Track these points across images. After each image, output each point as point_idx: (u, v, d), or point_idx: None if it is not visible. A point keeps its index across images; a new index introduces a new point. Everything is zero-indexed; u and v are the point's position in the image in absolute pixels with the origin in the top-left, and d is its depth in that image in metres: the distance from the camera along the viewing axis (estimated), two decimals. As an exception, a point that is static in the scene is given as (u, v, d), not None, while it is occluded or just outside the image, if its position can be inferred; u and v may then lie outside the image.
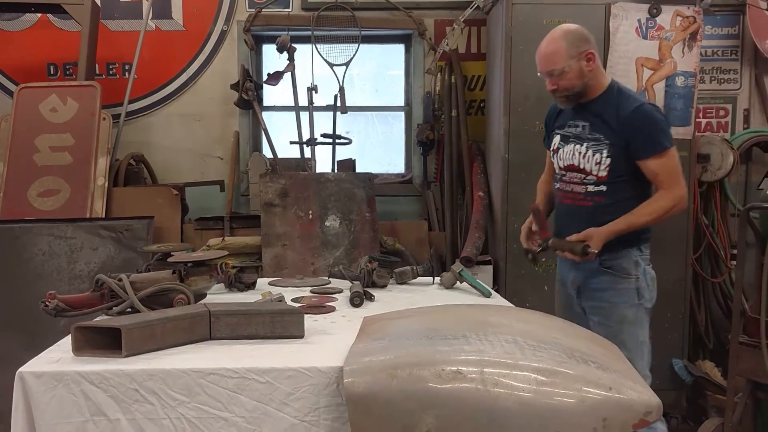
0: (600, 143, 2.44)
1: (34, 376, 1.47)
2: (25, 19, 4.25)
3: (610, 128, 2.43)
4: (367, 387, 1.34)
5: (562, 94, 2.49)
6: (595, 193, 2.46)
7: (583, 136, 2.49)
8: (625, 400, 1.34)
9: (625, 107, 2.42)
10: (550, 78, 2.47)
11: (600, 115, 2.46)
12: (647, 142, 2.39)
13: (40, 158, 3.74)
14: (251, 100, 4.00)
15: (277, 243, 3.65)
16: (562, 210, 2.62)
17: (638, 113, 2.39)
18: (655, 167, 2.39)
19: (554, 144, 2.61)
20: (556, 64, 2.44)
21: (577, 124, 2.53)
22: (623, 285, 2.46)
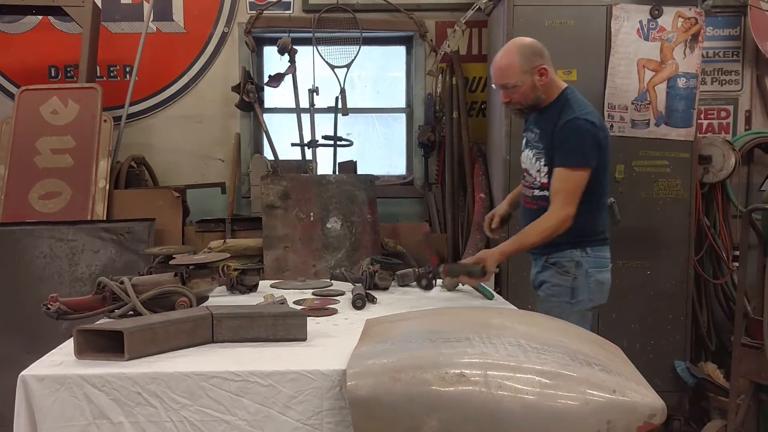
0: (541, 151, 2.52)
1: (37, 379, 1.46)
2: (26, 21, 4.25)
3: (550, 138, 2.48)
4: (370, 390, 1.34)
5: (514, 107, 2.55)
6: (539, 197, 2.53)
7: (533, 143, 2.57)
8: (629, 402, 1.34)
9: (562, 118, 2.45)
10: (504, 91, 2.51)
11: (546, 125, 2.52)
12: (564, 153, 2.41)
13: (41, 161, 3.74)
14: (252, 102, 4.00)
15: (279, 245, 3.65)
16: (520, 210, 2.72)
17: (568, 125, 2.42)
18: (559, 178, 2.40)
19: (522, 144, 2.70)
20: (509, 79, 2.47)
21: (533, 129, 2.60)
22: (559, 281, 2.51)
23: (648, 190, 3.66)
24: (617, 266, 3.62)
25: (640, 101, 3.60)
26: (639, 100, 3.60)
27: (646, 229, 3.67)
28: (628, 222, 3.64)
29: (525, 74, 2.46)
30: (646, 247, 3.68)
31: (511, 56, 2.49)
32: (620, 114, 3.61)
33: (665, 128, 3.63)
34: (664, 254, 3.69)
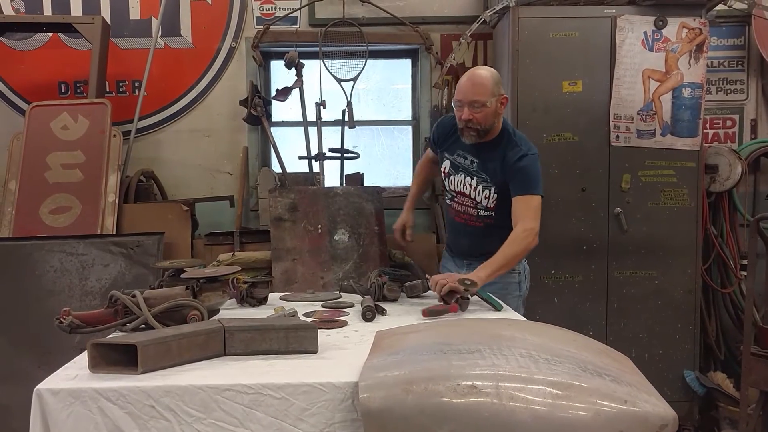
0: (488, 183, 2.70)
1: (51, 393, 1.48)
2: (37, 38, 4.30)
3: (496, 172, 2.67)
4: (382, 402, 1.35)
5: (474, 126, 2.60)
6: (486, 216, 2.76)
7: (472, 171, 2.73)
8: (641, 413, 1.34)
9: (510, 156, 2.64)
10: (470, 108, 2.56)
11: (489, 158, 2.68)
12: (525, 184, 2.63)
13: (51, 176, 3.77)
14: (260, 116, 4.03)
15: (287, 257, 3.66)
16: (455, 226, 2.90)
17: (524, 161, 2.64)
18: (525, 204, 2.61)
19: (444, 167, 2.85)
20: (482, 96, 2.56)
21: (466, 156, 2.75)
22: (508, 279, 2.75)
23: (655, 199, 3.67)
24: (625, 276, 3.67)
25: (646, 111, 3.62)
26: (644, 110, 3.62)
27: (653, 239, 3.68)
28: (635, 232, 3.66)
29: (493, 97, 2.58)
30: (654, 257, 3.68)
31: (485, 77, 2.60)
32: (626, 124, 3.62)
33: (671, 138, 3.65)
34: (672, 263, 3.69)
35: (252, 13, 4.30)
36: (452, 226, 2.97)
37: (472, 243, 2.83)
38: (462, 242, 2.90)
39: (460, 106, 2.60)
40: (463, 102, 2.58)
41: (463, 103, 2.58)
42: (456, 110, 2.64)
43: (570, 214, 3.65)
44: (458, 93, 2.62)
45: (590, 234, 3.67)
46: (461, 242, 2.91)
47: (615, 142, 3.63)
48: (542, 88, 3.62)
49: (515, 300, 2.82)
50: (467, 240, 2.86)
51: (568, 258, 3.67)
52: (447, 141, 2.84)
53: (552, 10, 3.64)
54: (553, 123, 3.63)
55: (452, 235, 3.00)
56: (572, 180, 3.64)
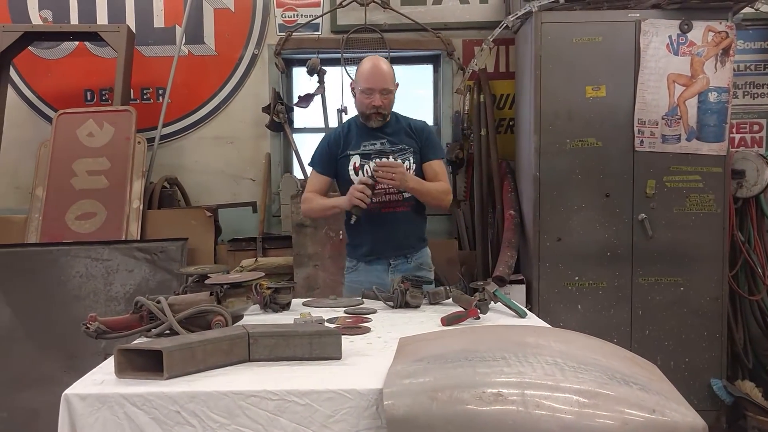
0: (406, 151, 2.81)
1: (79, 398, 1.49)
2: (63, 47, 4.38)
3: (410, 139, 2.83)
4: (407, 410, 1.34)
5: (382, 111, 2.77)
6: (410, 197, 2.81)
7: (386, 150, 2.80)
8: (670, 422, 1.32)
9: (415, 123, 2.88)
10: (381, 95, 2.74)
11: (396, 132, 2.83)
12: (437, 148, 2.91)
13: (77, 182, 3.83)
14: (282, 123, 4.06)
15: (309, 263, 3.67)
16: (381, 220, 2.83)
17: (428, 129, 2.91)
18: (438, 168, 2.86)
19: (353, 164, 2.84)
20: (390, 84, 2.77)
21: (374, 142, 2.83)
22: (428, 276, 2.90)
23: (680, 205, 3.62)
24: (650, 282, 3.62)
25: (671, 116, 3.58)
26: (669, 115, 3.58)
27: (679, 245, 3.63)
28: (661, 238, 3.61)
29: (394, 85, 2.80)
30: (679, 263, 3.64)
31: (388, 66, 2.79)
32: (650, 129, 3.59)
33: (697, 143, 3.60)
34: (698, 270, 3.64)
35: (274, 21, 4.33)
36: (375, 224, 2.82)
37: (404, 232, 2.84)
38: (393, 236, 2.83)
39: (371, 93, 2.74)
40: (375, 89, 2.73)
41: (374, 90, 2.73)
42: (364, 97, 2.76)
43: (594, 219, 3.62)
44: (367, 81, 2.74)
45: (614, 240, 3.63)
46: (392, 236, 2.82)
47: (639, 148, 3.60)
48: (565, 93, 3.60)
49: None
50: (398, 230, 2.83)
51: (592, 264, 3.63)
52: (345, 142, 2.87)
53: (575, 14, 3.62)
54: (576, 128, 3.61)
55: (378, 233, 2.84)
56: (596, 186, 3.61)
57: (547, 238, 3.64)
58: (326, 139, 2.98)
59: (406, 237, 2.87)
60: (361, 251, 2.90)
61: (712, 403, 3.64)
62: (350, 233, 2.94)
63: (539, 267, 3.65)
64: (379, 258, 2.87)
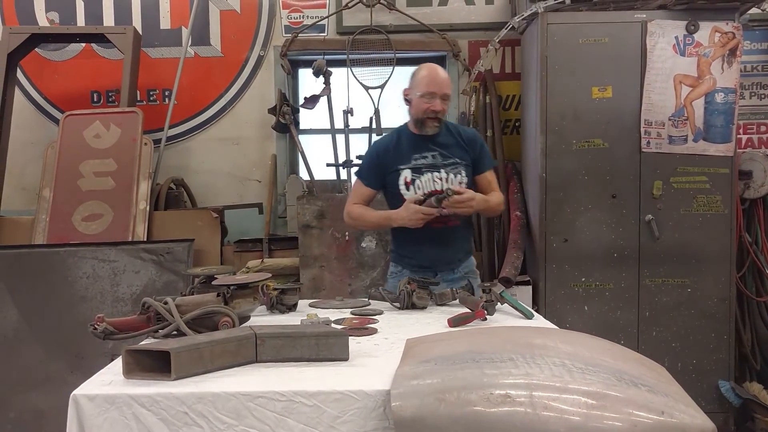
0: (458, 165, 2.78)
1: (88, 398, 1.49)
2: (70, 49, 4.39)
3: (461, 151, 2.79)
4: (415, 411, 1.34)
5: (440, 117, 2.76)
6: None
7: (438, 163, 2.77)
8: (679, 424, 1.31)
9: (465, 132, 2.86)
10: (441, 100, 2.72)
11: (446, 144, 2.79)
12: (488, 159, 2.88)
13: (84, 183, 3.84)
14: (288, 124, 4.06)
15: (315, 264, 3.68)
16: (428, 236, 2.75)
17: (478, 138, 2.89)
18: (491, 177, 2.88)
19: (404, 178, 2.78)
20: (449, 90, 2.78)
21: (425, 155, 2.79)
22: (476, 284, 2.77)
23: (687, 206, 3.61)
24: (656, 284, 3.61)
25: (678, 117, 3.57)
26: (676, 116, 3.57)
27: (686, 246, 3.62)
28: (668, 239, 3.60)
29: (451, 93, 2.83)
30: (687, 265, 3.62)
31: (446, 73, 2.82)
32: (657, 130, 3.58)
33: (704, 144, 3.59)
34: (705, 271, 3.63)
35: (280, 22, 4.34)
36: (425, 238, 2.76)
37: (454, 246, 2.82)
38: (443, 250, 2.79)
39: (432, 97, 2.72)
40: (437, 94, 2.71)
41: (436, 95, 2.71)
42: (423, 102, 2.72)
43: (600, 221, 3.61)
44: (430, 86, 2.72)
45: (621, 241, 3.62)
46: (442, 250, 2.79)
47: (646, 149, 3.59)
48: (571, 94, 3.59)
49: None
50: (448, 245, 2.80)
51: (599, 265, 3.63)
52: (395, 155, 2.81)
53: (581, 15, 3.61)
54: (582, 129, 3.60)
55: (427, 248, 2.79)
56: (602, 187, 3.61)
57: (554, 239, 3.63)
58: (375, 150, 2.93)
59: (455, 252, 2.84)
60: (408, 261, 2.86)
61: (720, 404, 3.63)
62: (397, 242, 2.90)
63: (546, 268, 3.64)
64: (425, 269, 2.81)
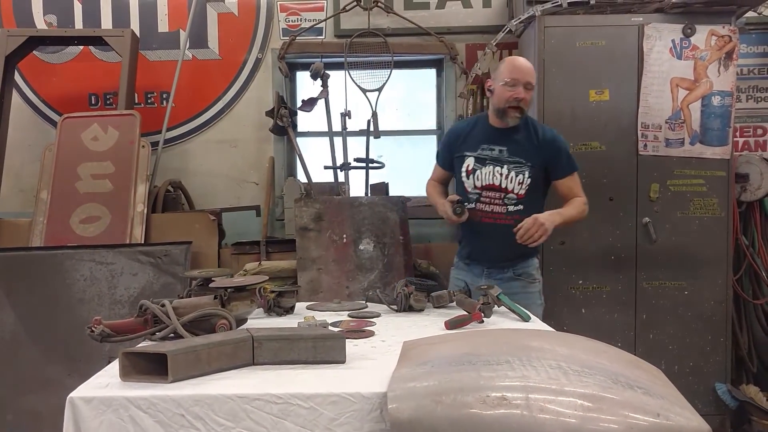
0: (522, 165, 2.77)
1: (84, 401, 1.49)
2: (68, 51, 4.40)
3: (531, 152, 2.77)
4: (411, 413, 1.34)
5: (522, 105, 2.75)
6: (515, 212, 2.77)
7: (503, 158, 2.78)
8: (674, 426, 1.31)
9: (545, 133, 2.81)
10: (525, 89, 2.72)
11: (518, 141, 2.78)
12: (569, 164, 2.84)
13: (82, 186, 3.84)
14: (286, 126, 4.06)
15: (312, 267, 3.68)
16: (480, 229, 2.85)
17: (559, 142, 2.83)
18: (575, 181, 2.86)
19: (467, 166, 2.85)
20: (533, 79, 2.77)
21: (492, 148, 2.81)
22: (531, 289, 2.86)
23: (684, 209, 3.62)
24: (653, 286, 3.62)
25: (674, 120, 3.58)
26: (673, 119, 3.58)
27: (683, 249, 3.63)
28: (664, 242, 3.61)
29: (535, 84, 2.79)
30: (683, 267, 3.63)
31: (531, 64, 2.78)
32: (654, 133, 3.59)
33: (700, 147, 3.60)
34: (702, 274, 3.64)
35: (278, 25, 4.35)
36: (476, 231, 2.88)
37: (501, 245, 2.78)
38: (489, 246, 2.85)
39: (514, 85, 2.71)
40: (519, 81, 2.70)
41: (518, 82, 2.70)
42: (506, 90, 2.72)
43: (597, 223, 3.62)
44: (513, 72, 2.72)
45: (618, 244, 3.63)
46: (488, 246, 2.85)
47: (643, 151, 3.60)
48: (569, 97, 3.60)
49: (539, 309, 2.84)
50: (495, 242, 2.81)
51: (596, 268, 3.63)
52: (465, 141, 2.88)
53: (578, 19, 3.62)
54: (579, 132, 3.61)
55: (476, 241, 2.91)
56: (599, 189, 3.61)
57: (551, 241, 3.63)
58: (450, 132, 3.04)
59: (502, 250, 2.81)
60: (463, 252, 2.98)
61: (717, 407, 3.63)
62: (462, 232, 2.99)
63: (543, 270, 3.64)
64: (476, 262, 2.91)
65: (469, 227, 2.86)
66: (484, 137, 2.83)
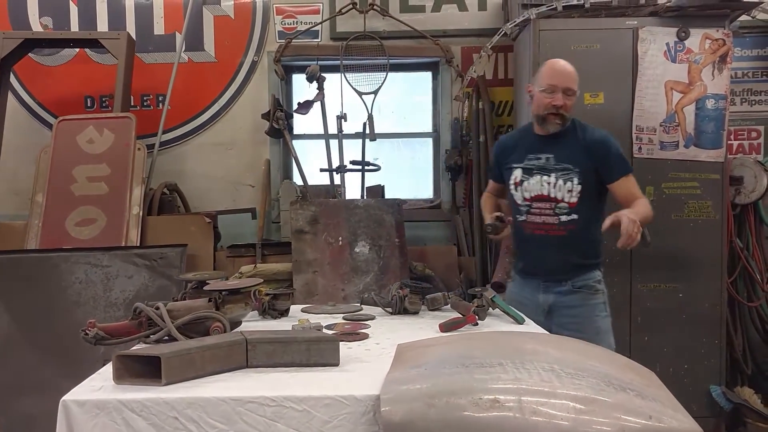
0: (570, 172, 2.63)
1: (77, 404, 1.49)
2: (64, 54, 4.39)
3: (579, 157, 2.63)
4: (404, 416, 1.34)
5: (562, 113, 2.61)
6: (569, 221, 2.64)
7: (549, 167, 2.66)
8: (666, 429, 1.32)
9: (593, 136, 2.67)
10: (564, 94, 2.59)
11: (564, 147, 2.65)
12: (622, 166, 2.67)
13: (77, 188, 3.83)
14: (282, 129, 4.06)
15: (308, 269, 3.68)
16: (531, 241, 2.72)
17: (609, 139, 2.68)
18: (631, 183, 2.68)
19: (515, 178, 2.73)
20: (573, 84, 2.63)
21: (539, 156, 2.69)
22: (593, 300, 2.70)
23: (678, 211, 3.63)
24: (648, 289, 3.62)
25: (669, 123, 3.59)
26: (667, 122, 3.59)
27: (678, 252, 3.63)
28: (659, 244, 3.60)
29: (577, 89, 2.64)
30: (678, 270, 3.64)
31: (572, 68, 2.65)
32: (648, 136, 3.60)
33: (695, 150, 3.61)
34: (697, 277, 3.64)
35: (274, 28, 4.35)
36: (529, 243, 2.75)
37: (556, 257, 2.66)
38: (543, 259, 2.70)
39: (553, 91, 2.59)
40: (558, 87, 2.59)
41: (557, 88, 2.59)
42: (544, 96, 2.61)
43: (592, 226, 3.62)
44: (552, 78, 2.61)
45: (612, 246, 3.62)
46: (543, 259, 2.70)
47: (638, 154, 3.60)
48: (563, 100, 3.60)
49: (604, 321, 2.71)
50: (549, 255, 2.67)
51: (591, 271, 3.63)
52: (512, 153, 2.78)
53: (573, 22, 3.63)
54: (574, 135, 3.61)
55: (529, 254, 2.78)
56: (594, 192, 3.61)
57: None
58: (498, 144, 2.94)
59: (558, 263, 2.67)
60: (518, 265, 2.86)
61: (712, 409, 3.64)
62: (515, 244, 2.87)
63: (538, 273, 3.65)
64: (532, 276, 2.77)
65: (521, 240, 2.76)
66: (530, 146, 2.72)
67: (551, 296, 2.69)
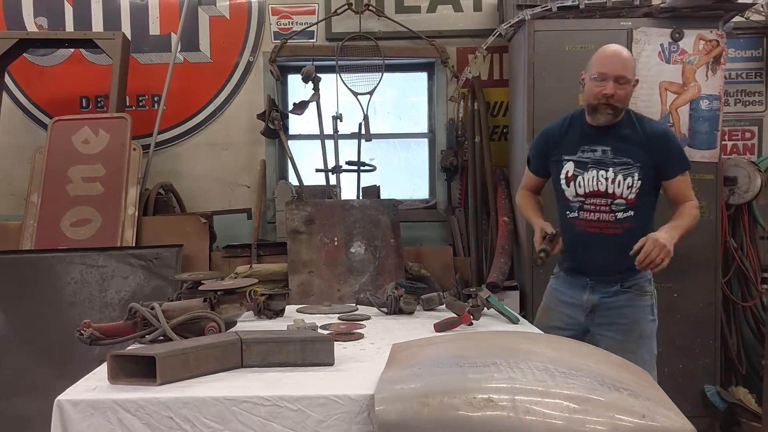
0: (630, 167, 2.44)
1: (72, 404, 1.49)
2: (59, 54, 4.38)
3: (639, 150, 2.44)
4: (398, 415, 1.35)
5: (614, 103, 2.40)
6: (625, 219, 2.46)
7: (607, 161, 2.46)
8: (659, 428, 1.33)
9: (650, 127, 2.50)
10: (615, 83, 2.37)
11: (623, 139, 2.45)
12: (680, 162, 2.50)
13: (72, 189, 3.82)
14: (277, 129, 4.06)
15: (304, 270, 3.68)
16: (585, 239, 2.53)
17: (667, 134, 2.53)
18: (686, 182, 2.52)
19: (566, 172, 2.53)
20: (628, 72, 2.41)
21: (594, 149, 2.48)
22: (641, 302, 2.53)
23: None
24: (643, 289, 3.63)
25: (663, 123, 3.60)
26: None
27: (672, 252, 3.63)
28: (654, 244, 3.62)
29: (633, 77, 2.44)
30: (672, 270, 3.56)
31: (629, 54, 2.48)
32: (643, 136, 3.60)
33: (689, 150, 3.60)
34: (691, 277, 3.65)
35: (269, 28, 4.35)
36: (580, 241, 2.54)
37: (610, 257, 2.47)
38: (596, 258, 2.51)
39: (603, 80, 2.37)
40: (608, 76, 2.37)
41: (607, 76, 2.37)
42: (594, 85, 2.40)
43: (587, 226, 3.63)
44: (601, 66, 2.40)
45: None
46: (595, 258, 2.52)
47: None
48: (558, 100, 3.60)
49: (650, 325, 2.55)
50: (603, 254, 2.49)
51: (586, 271, 3.64)
52: (561, 144, 2.56)
53: (568, 23, 3.64)
54: (569, 135, 3.62)
55: (580, 252, 2.56)
56: (589, 192, 3.62)
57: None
58: (542, 134, 2.69)
59: (612, 262, 2.49)
60: (565, 264, 2.65)
61: (706, 409, 3.64)
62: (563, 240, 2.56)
63: (533, 273, 3.65)
64: (579, 274, 2.59)
65: (572, 237, 2.53)
66: (582, 137, 2.50)
67: (597, 296, 2.54)
